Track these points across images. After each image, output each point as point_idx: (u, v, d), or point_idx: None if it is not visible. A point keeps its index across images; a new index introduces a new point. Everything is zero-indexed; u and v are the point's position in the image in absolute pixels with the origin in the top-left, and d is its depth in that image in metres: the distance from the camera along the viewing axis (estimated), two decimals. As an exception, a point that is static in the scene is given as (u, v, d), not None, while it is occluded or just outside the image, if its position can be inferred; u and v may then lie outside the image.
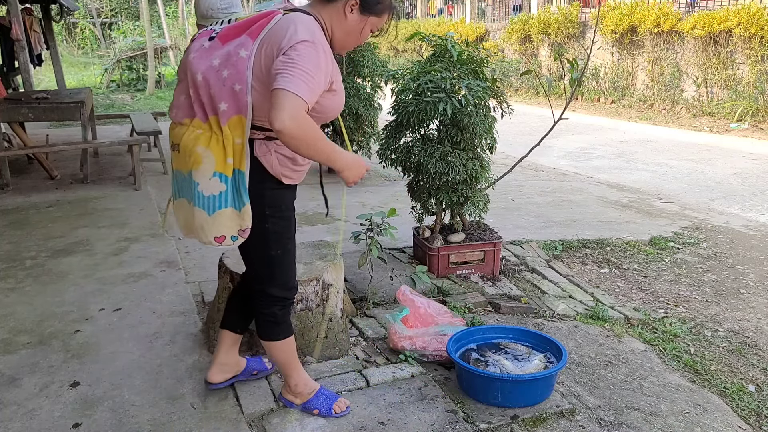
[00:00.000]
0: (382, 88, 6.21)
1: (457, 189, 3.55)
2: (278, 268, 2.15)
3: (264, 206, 2.01)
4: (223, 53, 1.88)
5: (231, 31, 1.91)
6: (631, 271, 4.00)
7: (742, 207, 5.78)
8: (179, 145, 1.95)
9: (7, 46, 8.68)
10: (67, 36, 24.29)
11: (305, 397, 2.34)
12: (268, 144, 1.98)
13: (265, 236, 2.06)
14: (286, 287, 2.20)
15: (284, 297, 2.20)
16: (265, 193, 2.01)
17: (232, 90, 1.85)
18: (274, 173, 2.00)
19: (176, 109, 2.00)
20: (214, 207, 1.91)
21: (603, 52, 13.03)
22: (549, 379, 2.46)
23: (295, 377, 2.33)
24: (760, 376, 2.79)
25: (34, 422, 2.33)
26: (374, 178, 6.47)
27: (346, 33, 2.02)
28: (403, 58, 19.02)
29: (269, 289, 2.16)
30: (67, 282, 3.67)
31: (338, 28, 2.00)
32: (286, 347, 2.27)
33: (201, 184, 1.90)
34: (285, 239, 2.12)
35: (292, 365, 2.32)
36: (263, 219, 2.02)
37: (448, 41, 3.54)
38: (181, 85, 2.00)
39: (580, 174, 7.26)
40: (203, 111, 1.91)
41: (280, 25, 1.86)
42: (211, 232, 1.95)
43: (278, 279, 2.17)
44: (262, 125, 1.93)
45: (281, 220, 2.09)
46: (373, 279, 3.31)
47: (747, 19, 10.03)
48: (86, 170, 6.29)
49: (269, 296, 2.18)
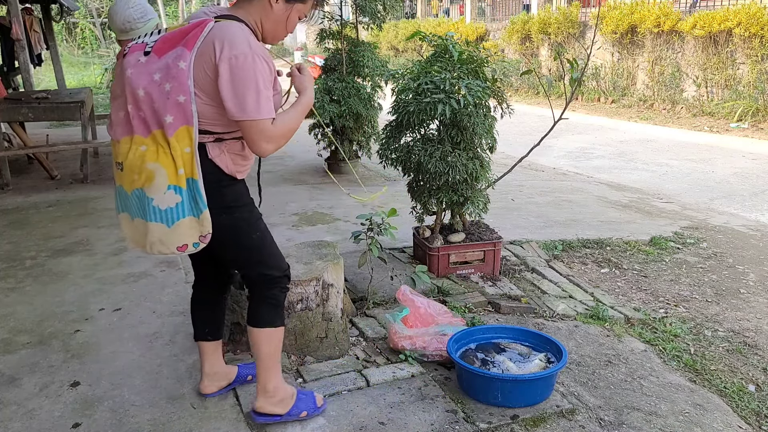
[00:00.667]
0: (382, 87, 6.21)
1: (457, 189, 3.55)
2: (265, 248, 2.18)
3: (226, 202, 2.05)
4: (162, 66, 1.88)
5: (166, 43, 1.91)
6: (631, 271, 4.00)
7: (742, 207, 5.78)
8: (123, 164, 1.95)
9: (7, 46, 8.68)
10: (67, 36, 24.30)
11: (288, 402, 2.26)
12: (220, 145, 2.01)
13: (238, 226, 2.10)
14: (281, 268, 2.21)
15: (282, 276, 2.21)
16: (224, 191, 2.05)
17: (177, 102, 1.86)
18: (229, 172, 2.04)
19: (116, 127, 1.99)
20: (172, 219, 1.93)
21: (603, 52, 13.03)
22: (549, 379, 2.46)
23: (275, 379, 2.24)
24: (760, 376, 2.79)
25: (34, 422, 2.33)
26: (374, 178, 6.47)
27: (275, 23, 2.06)
28: (403, 58, 19.01)
29: (267, 271, 2.17)
30: (67, 282, 3.67)
31: (267, 20, 2.04)
32: (277, 337, 2.23)
33: (156, 199, 1.91)
34: (256, 222, 2.16)
35: (276, 363, 2.25)
36: (230, 212, 2.06)
37: (449, 41, 3.54)
38: (118, 101, 1.98)
39: (580, 174, 7.26)
40: (145, 125, 1.91)
41: (213, 34, 1.88)
42: (173, 243, 1.97)
43: (270, 259, 2.19)
44: (209, 129, 1.96)
45: (245, 208, 2.13)
46: (373, 279, 3.31)
47: (747, 19, 10.03)
48: (86, 170, 6.29)
49: (269, 278, 2.18)
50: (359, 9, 6.05)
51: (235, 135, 2.02)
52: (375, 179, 6.44)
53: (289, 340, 2.69)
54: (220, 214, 2.01)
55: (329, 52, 6.38)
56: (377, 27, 6.15)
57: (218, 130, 1.98)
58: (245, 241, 2.13)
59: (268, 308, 2.20)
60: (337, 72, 6.16)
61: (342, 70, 6.11)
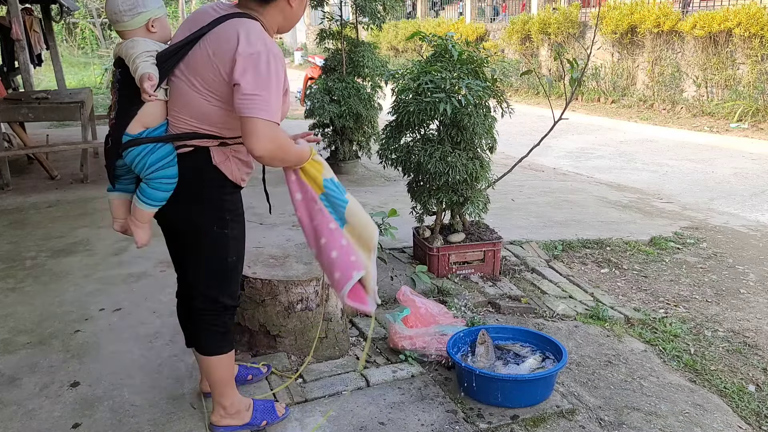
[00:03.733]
0: (382, 88, 6.21)
1: (457, 189, 3.55)
2: (232, 275, 2.12)
3: (225, 211, 2.02)
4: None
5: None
6: (631, 271, 4.00)
7: (742, 207, 5.78)
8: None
9: (7, 46, 8.67)
10: (67, 36, 24.29)
11: (246, 414, 2.23)
12: (225, 150, 1.98)
13: (225, 243, 2.05)
14: (234, 296, 2.16)
15: (233, 306, 2.16)
16: (225, 198, 2.02)
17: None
18: (233, 179, 2.01)
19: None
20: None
21: (603, 52, 13.02)
22: (549, 379, 2.46)
23: (231, 395, 2.20)
24: (760, 376, 2.79)
25: (34, 422, 2.33)
26: (374, 178, 6.47)
27: (292, 18, 2.05)
28: (403, 58, 19.01)
29: (221, 298, 2.10)
30: (67, 282, 3.67)
31: (285, 19, 2.03)
32: (228, 362, 2.18)
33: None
34: (241, 244, 2.12)
35: (230, 383, 2.21)
36: (224, 225, 2.02)
37: (449, 41, 3.54)
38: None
39: (580, 174, 7.26)
40: None
41: (225, 29, 1.86)
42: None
43: (231, 287, 2.13)
44: (215, 133, 1.94)
45: (239, 225, 2.09)
46: (373, 279, 3.30)
47: (747, 19, 10.03)
48: (86, 170, 6.29)
49: (221, 305, 2.11)
50: (359, 9, 6.05)
51: (238, 140, 1.97)
52: (375, 179, 6.44)
53: (289, 340, 2.69)
54: (214, 224, 1.99)
55: (329, 53, 6.38)
56: (377, 27, 6.15)
57: (223, 134, 1.95)
58: (220, 261, 2.06)
59: (216, 336, 2.13)
60: (337, 72, 6.16)
61: (342, 70, 6.11)
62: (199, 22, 1.92)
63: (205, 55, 1.86)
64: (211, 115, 1.91)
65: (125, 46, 1.90)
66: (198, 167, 1.96)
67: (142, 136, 1.91)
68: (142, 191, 1.96)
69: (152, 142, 1.92)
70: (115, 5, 1.90)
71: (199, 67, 1.88)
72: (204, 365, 2.17)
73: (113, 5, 1.91)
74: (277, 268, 2.73)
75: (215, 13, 1.93)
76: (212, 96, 1.88)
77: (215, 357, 2.14)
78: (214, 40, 1.86)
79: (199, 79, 1.88)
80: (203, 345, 2.15)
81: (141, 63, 1.84)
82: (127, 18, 1.90)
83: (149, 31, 1.96)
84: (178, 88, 1.92)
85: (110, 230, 4.58)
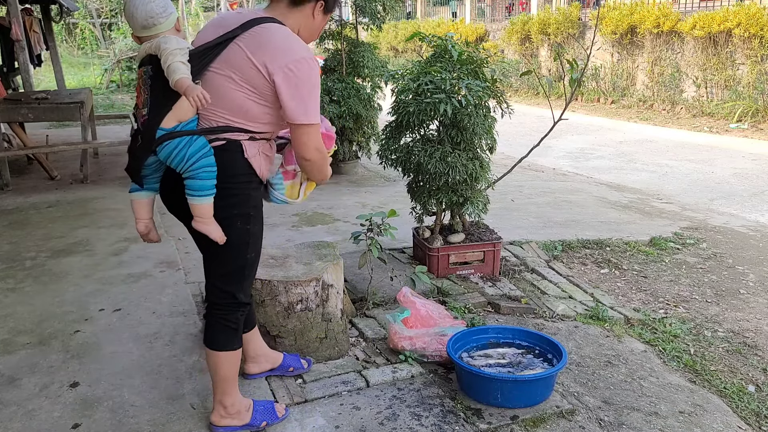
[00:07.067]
0: (382, 88, 6.21)
1: (457, 189, 3.55)
2: (249, 272, 2.17)
3: (250, 207, 2.06)
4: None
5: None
6: (630, 271, 4.00)
7: (741, 207, 5.78)
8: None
9: (7, 47, 8.66)
10: (67, 36, 24.28)
11: (246, 415, 2.24)
12: (255, 145, 2.03)
13: (247, 240, 2.09)
14: (249, 293, 2.22)
15: (247, 303, 2.20)
16: (251, 194, 2.07)
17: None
18: (261, 174, 2.07)
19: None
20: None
21: (603, 53, 13.02)
22: (549, 380, 2.46)
23: (233, 395, 2.23)
24: (760, 377, 2.79)
25: (33, 422, 2.33)
26: (374, 178, 6.48)
27: (313, 31, 2.13)
28: (403, 58, 19.01)
29: (238, 294, 2.14)
30: (67, 282, 3.67)
31: (306, 28, 2.10)
32: (235, 359, 2.21)
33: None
34: (260, 242, 2.17)
35: (234, 381, 2.23)
36: (247, 221, 2.07)
37: (448, 41, 3.54)
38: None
39: (580, 174, 7.26)
40: None
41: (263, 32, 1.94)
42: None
43: (247, 283, 2.18)
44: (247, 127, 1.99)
45: (259, 221, 2.14)
46: (373, 279, 3.31)
47: (747, 20, 10.03)
48: (86, 170, 6.29)
49: (237, 302, 2.15)
50: (359, 9, 6.05)
51: (266, 135, 2.04)
52: (375, 179, 6.44)
53: (289, 341, 2.69)
54: (238, 219, 2.03)
55: (329, 53, 6.38)
56: (377, 27, 6.15)
57: (255, 128, 2.00)
58: (241, 257, 2.10)
59: (228, 332, 2.17)
60: (336, 72, 6.16)
61: (342, 70, 6.11)
62: (227, 25, 1.98)
63: (243, 55, 1.92)
64: (249, 110, 1.96)
65: (160, 42, 1.93)
66: (230, 160, 1.99)
67: (177, 129, 1.95)
68: (191, 187, 1.97)
69: (188, 135, 1.95)
70: (150, 10, 1.96)
71: (237, 65, 1.93)
72: (212, 361, 2.19)
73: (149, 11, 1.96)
74: (276, 269, 2.73)
75: (242, 17, 1.98)
76: (251, 91, 1.94)
77: (224, 353, 2.17)
78: (251, 42, 1.92)
79: (239, 73, 1.93)
80: (214, 340, 2.17)
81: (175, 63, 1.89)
82: (162, 20, 1.97)
83: (177, 30, 2.03)
84: (213, 82, 1.95)
85: (110, 230, 4.62)
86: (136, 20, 1.97)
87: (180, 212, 2.12)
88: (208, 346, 2.18)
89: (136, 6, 1.97)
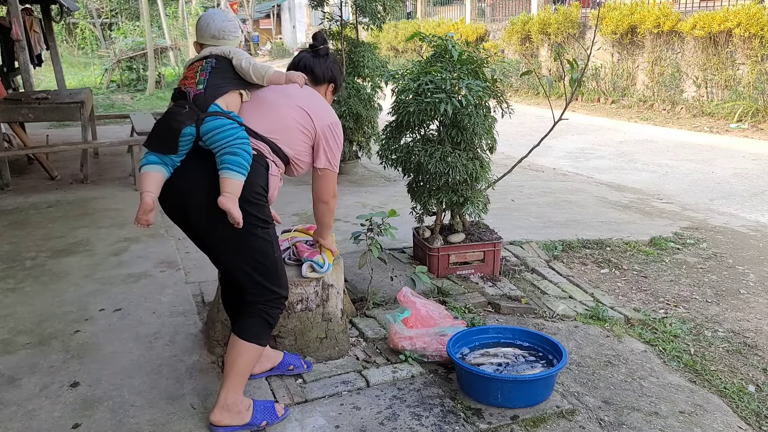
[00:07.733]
0: (382, 88, 6.20)
1: (457, 189, 3.55)
2: (280, 267, 2.31)
3: (266, 216, 2.25)
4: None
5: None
6: (631, 271, 4.00)
7: (742, 207, 5.78)
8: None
9: (7, 47, 8.67)
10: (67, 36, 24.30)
11: (246, 414, 2.25)
12: (277, 170, 2.29)
13: (270, 240, 2.26)
14: (286, 288, 2.34)
15: (285, 297, 2.33)
16: (265, 207, 2.26)
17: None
18: (271, 195, 2.28)
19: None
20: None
21: (603, 53, 13.02)
22: (549, 380, 2.46)
23: (238, 393, 2.25)
24: (760, 377, 2.79)
25: (34, 422, 2.33)
26: (374, 178, 6.48)
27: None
28: (403, 58, 19.01)
29: (278, 289, 2.28)
30: (67, 282, 3.67)
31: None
32: (256, 355, 2.28)
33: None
34: (277, 242, 2.34)
35: (244, 379, 2.27)
36: (267, 225, 2.25)
37: (449, 41, 3.54)
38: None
39: (580, 174, 7.26)
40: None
41: (311, 93, 2.41)
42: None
43: (282, 278, 2.31)
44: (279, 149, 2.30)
45: (272, 227, 2.31)
46: (373, 279, 3.31)
47: (747, 20, 10.02)
48: (86, 170, 6.29)
49: (276, 296, 2.27)
50: (359, 9, 6.05)
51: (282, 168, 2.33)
52: (375, 179, 6.44)
53: (289, 341, 2.69)
54: (257, 226, 2.18)
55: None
56: (377, 27, 6.15)
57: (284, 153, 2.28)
58: (269, 257, 2.25)
59: (263, 325, 2.26)
60: (337, 72, 6.15)
61: (342, 70, 6.10)
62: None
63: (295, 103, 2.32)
64: (294, 141, 2.29)
65: (232, 49, 2.26)
66: (255, 170, 2.15)
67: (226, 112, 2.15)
68: (230, 162, 2.08)
69: (238, 124, 2.15)
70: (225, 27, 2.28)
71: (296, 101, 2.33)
72: (235, 351, 2.23)
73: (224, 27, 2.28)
74: (277, 269, 2.72)
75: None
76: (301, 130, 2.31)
77: (251, 344, 2.23)
78: (305, 97, 2.35)
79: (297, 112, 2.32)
80: (247, 329, 2.23)
81: (258, 64, 2.23)
82: (230, 38, 2.31)
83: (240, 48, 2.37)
84: (270, 102, 2.29)
85: (110, 230, 4.62)
86: (209, 30, 2.26)
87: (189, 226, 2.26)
88: (239, 335, 2.23)
89: (214, 19, 2.27)
